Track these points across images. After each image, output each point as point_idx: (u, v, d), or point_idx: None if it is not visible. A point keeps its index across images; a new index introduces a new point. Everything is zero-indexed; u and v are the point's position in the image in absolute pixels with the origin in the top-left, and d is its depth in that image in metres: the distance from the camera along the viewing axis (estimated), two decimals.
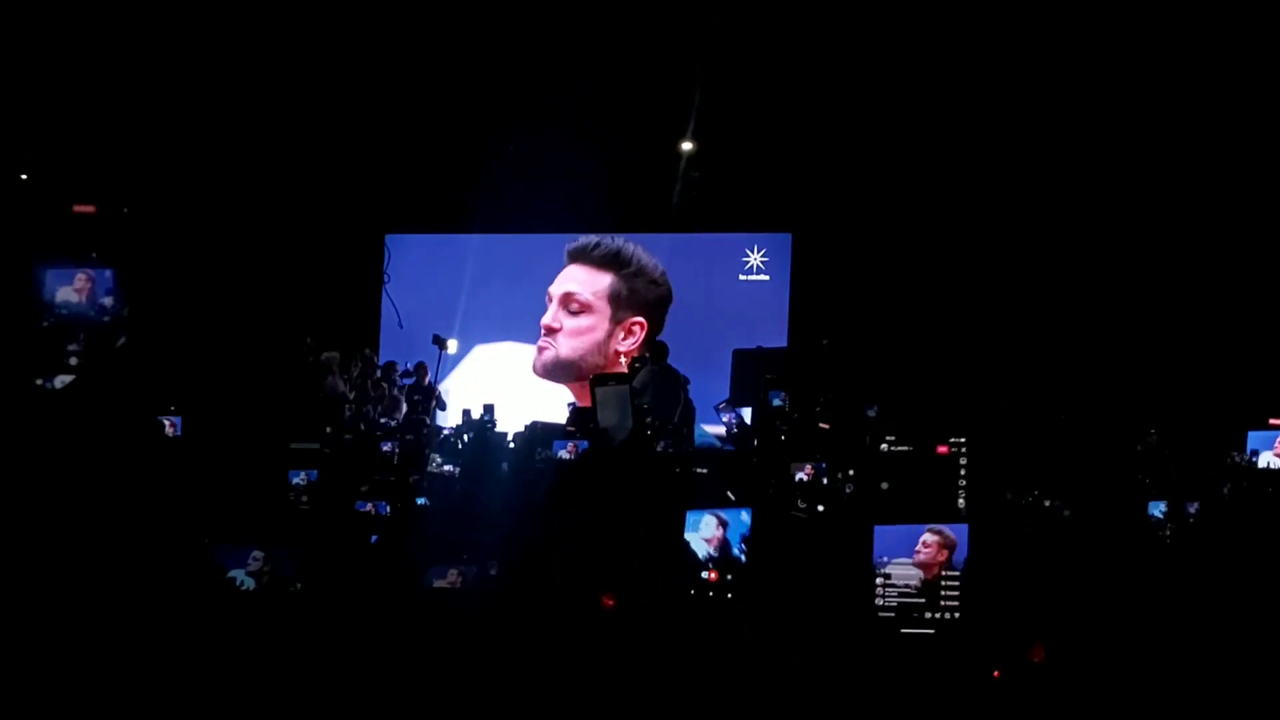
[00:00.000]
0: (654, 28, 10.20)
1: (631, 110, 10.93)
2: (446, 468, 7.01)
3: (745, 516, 3.48)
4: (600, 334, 11.23)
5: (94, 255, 4.08)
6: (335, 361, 10.24)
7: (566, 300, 11.41)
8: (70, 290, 4.00)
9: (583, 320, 11.36)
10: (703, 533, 3.43)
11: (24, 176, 9.96)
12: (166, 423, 4.50)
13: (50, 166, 9.54)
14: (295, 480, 5.14)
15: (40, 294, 3.98)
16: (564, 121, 11.06)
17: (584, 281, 11.47)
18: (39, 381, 3.83)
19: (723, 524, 3.47)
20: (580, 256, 11.57)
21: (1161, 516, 4.47)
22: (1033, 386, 8.99)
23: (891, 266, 10.75)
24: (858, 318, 10.55)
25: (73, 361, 3.89)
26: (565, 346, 11.28)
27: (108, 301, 4.01)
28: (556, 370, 11.22)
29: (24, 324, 4.00)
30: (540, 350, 11.35)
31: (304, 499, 5.05)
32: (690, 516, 3.47)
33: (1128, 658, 3.00)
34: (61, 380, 3.82)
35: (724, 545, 3.44)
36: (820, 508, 4.36)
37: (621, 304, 11.39)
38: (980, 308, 10.43)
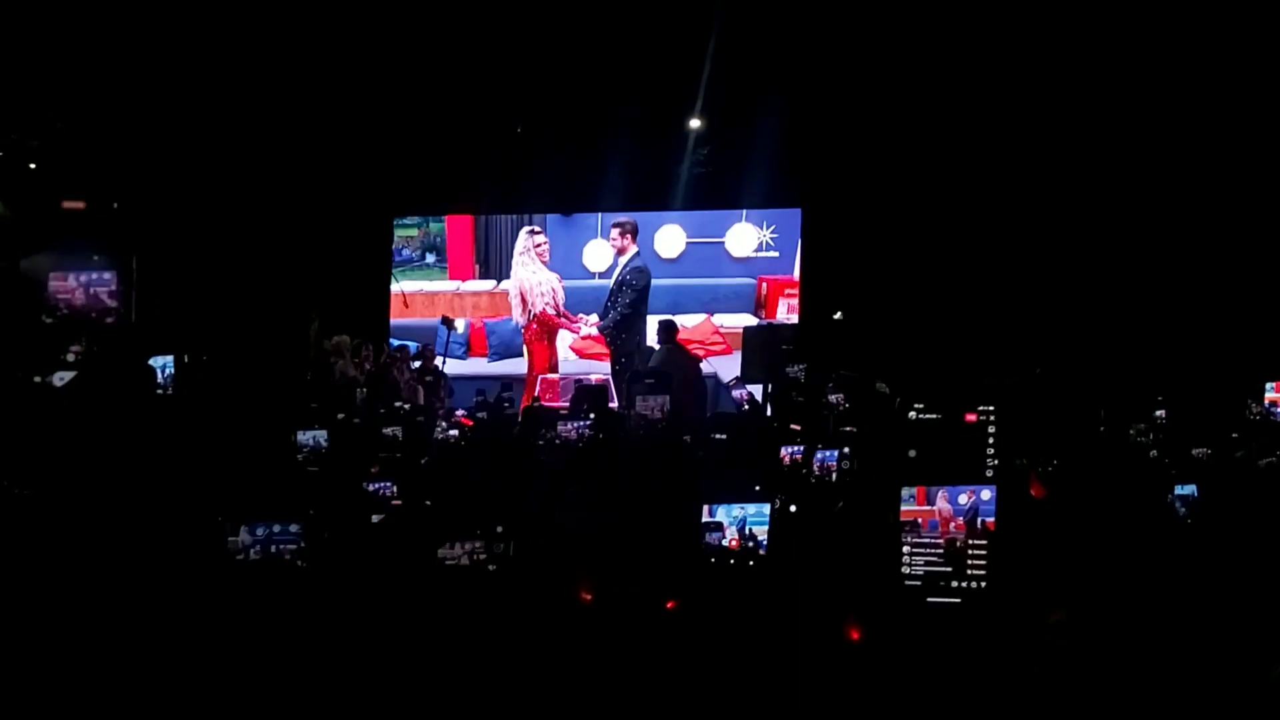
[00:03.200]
0: (660, 4, 10.10)
1: (638, 88, 10.84)
2: (454, 433, 6.97)
3: (767, 509, 3.50)
4: None
5: (95, 258, 4.11)
6: (345, 346, 10.21)
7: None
8: (73, 291, 4.04)
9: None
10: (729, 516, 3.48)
11: (32, 166, 9.93)
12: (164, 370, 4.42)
13: (44, 162, 9.51)
14: (303, 440, 5.09)
15: (43, 295, 4.02)
16: (571, 101, 10.98)
17: None
18: (38, 379, 3.86)
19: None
20: None
21: (1185, 495, 4.40)
22: (1042, 353, 8.91)
23: (900, 240, 10.67)
24: (867, 292, 10.49)
25: (70, 358, 3.93)
26: None
27: (110, 303, 4.04)
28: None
29: (19, 320, 4.03)
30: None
31: (311, 466, 4.99)
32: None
33: (1149, 626, 2.94)
34: (61, 377, 3.85)
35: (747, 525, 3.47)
36: (793, 507, 4.31)
37: None
38: (986, 278, 10.35)
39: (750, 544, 3.41)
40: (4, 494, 3.43)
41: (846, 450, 5.07)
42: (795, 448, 5.06)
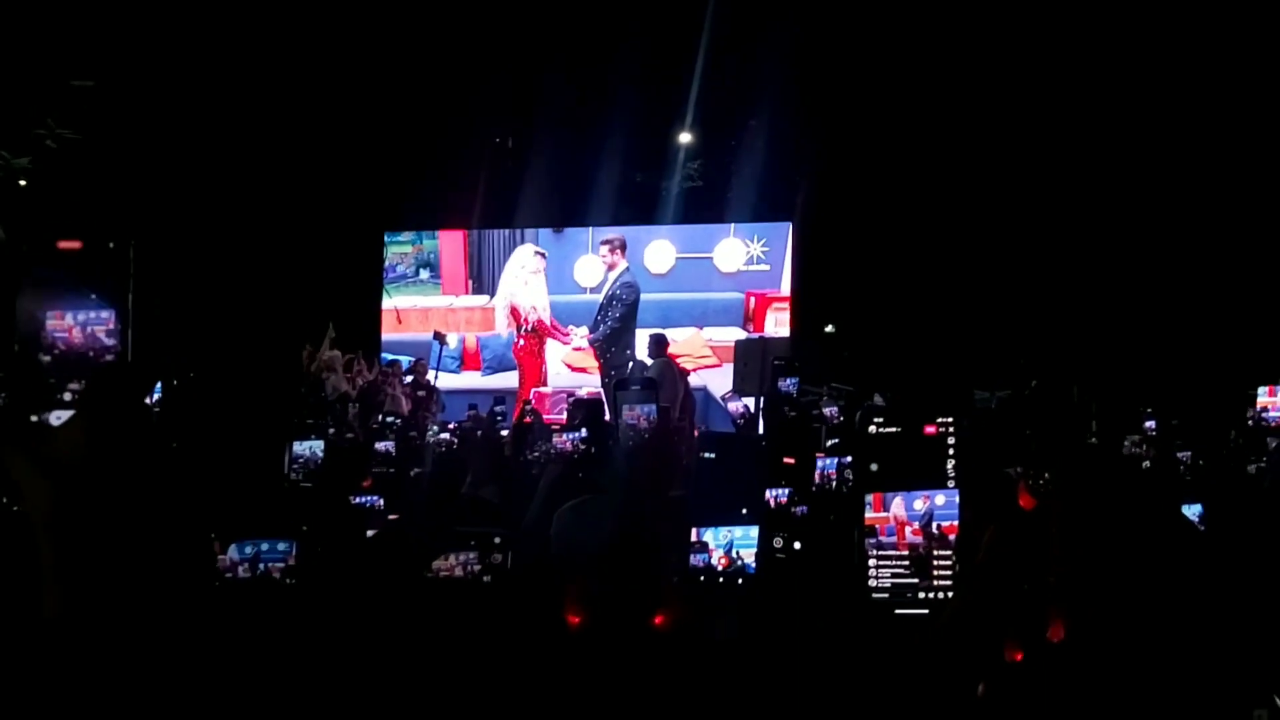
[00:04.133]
0: (649, 19, 10.19)
1: (628, 103, 10.93)
2: (444, 435, 6.99)
3: (754, 532, 3.54)
4: None
5: (93, 296, 4.10)
6: (338, 361, 10.26)
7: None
8: (70, 330, 4.04)
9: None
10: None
11: (22, 182, 9.98)
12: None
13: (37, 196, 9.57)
14: (299, 451, 5.08)
15: (40, 334, 4.00)
16: (560, 116, 11.06)
17: None
18: (35, 418, 3.85)
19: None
20: None
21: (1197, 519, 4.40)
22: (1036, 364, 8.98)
23: (891, 253, 10.73)
24: (859, 305, 10.54)
25: (68, 396, 3.91)
26: None
27: (108, 341, 4.03)
28: None
29: (16, 359, 4.02)
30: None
31: (305, 482, 4.99)
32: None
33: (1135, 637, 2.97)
34: (58, 415, 3.83)
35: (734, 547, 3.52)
36: (797, 544, 4.32)
37: None
38: (978, 290, 10.41)
39: (738, 563, 3.43)
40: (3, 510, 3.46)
41: (849, 460, 5.04)
42: (781, 490, 4.93)
